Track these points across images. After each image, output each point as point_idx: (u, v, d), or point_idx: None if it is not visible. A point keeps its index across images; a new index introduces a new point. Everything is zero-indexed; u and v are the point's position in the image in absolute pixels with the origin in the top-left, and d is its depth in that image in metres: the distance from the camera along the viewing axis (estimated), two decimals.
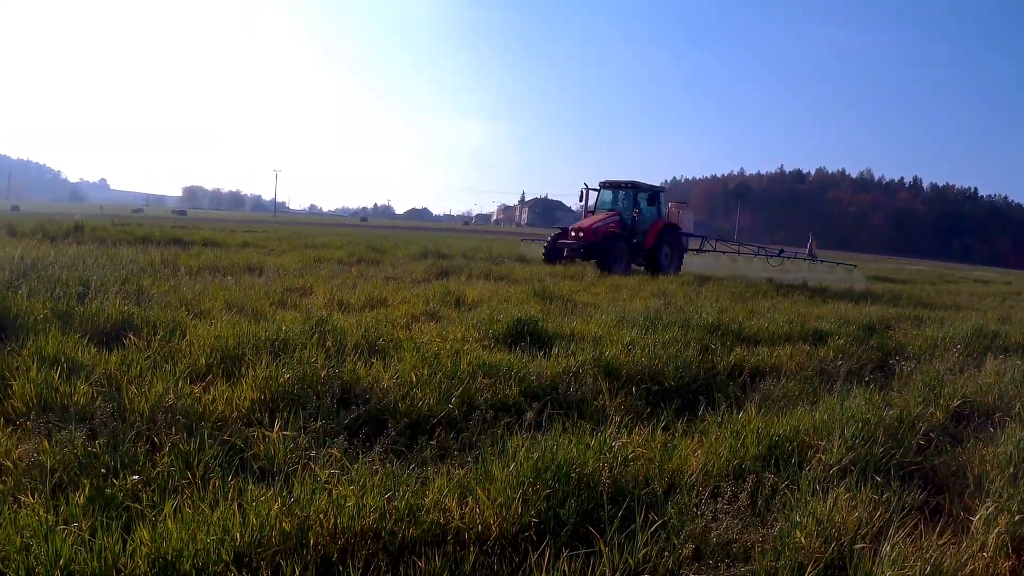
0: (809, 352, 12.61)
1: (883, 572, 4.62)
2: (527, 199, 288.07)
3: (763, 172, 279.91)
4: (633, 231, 34.81)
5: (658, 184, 38.22)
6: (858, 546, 5.05)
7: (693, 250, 39.31)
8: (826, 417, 7.95)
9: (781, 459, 6.97)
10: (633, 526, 5.11)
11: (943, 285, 44.90)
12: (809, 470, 6.56)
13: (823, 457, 6.85)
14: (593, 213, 36.28)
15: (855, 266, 44.94)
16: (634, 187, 35.84)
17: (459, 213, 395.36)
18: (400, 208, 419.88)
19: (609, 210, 36.04)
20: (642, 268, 34.24)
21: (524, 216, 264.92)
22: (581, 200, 37.29)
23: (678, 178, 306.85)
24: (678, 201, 40.96)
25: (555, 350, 10.91)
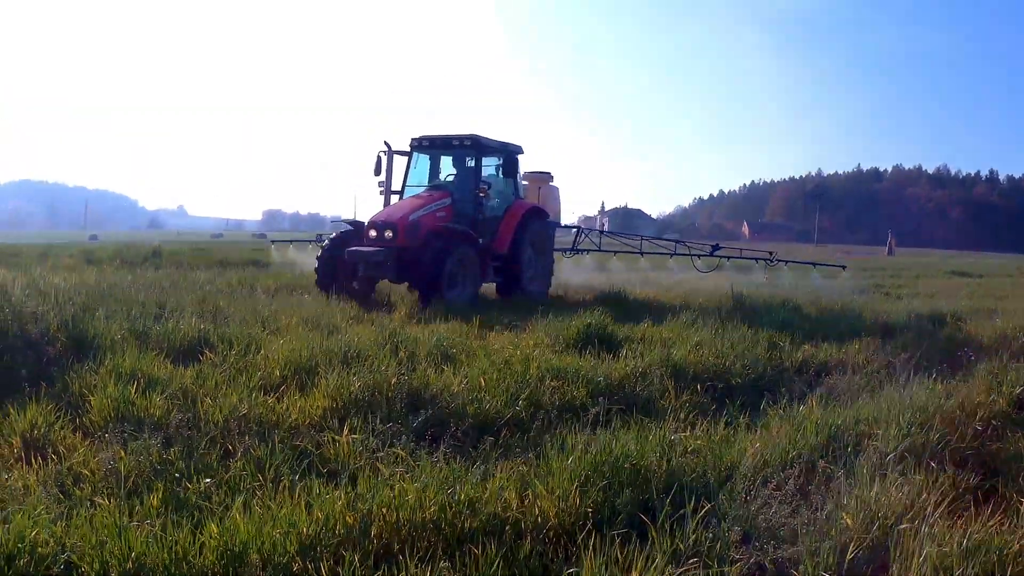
0: (877, 346, 12.65)
1: (920, 549, 4.70)
2: (607, 208, 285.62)
3: (840, 172, 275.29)
4: (475, 224, 20.05)
5: (514, 143, 22.16)
6: (902, 526, 5.12)
7: (562, 250, 25.86)
8: (885, 407, 7.99)
9: (839, 448, 7.04)
10: (683, 511, 5.23)
11: (1020, 278, 44.03)
12: (863, 457, 6.62)
13: (878, 444, 6.90)
14: (401, 193, 21.31)
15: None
16: (476, 145, 20.65)
17: None
18: None
19: (432, 188, 21.07)
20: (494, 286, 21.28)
21: (605, 226, 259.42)
22: (377, 173, 21.25)
23: (756, 182, 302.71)
24: (537, 172, 25.27)
25: (623, 352, 11.08)
